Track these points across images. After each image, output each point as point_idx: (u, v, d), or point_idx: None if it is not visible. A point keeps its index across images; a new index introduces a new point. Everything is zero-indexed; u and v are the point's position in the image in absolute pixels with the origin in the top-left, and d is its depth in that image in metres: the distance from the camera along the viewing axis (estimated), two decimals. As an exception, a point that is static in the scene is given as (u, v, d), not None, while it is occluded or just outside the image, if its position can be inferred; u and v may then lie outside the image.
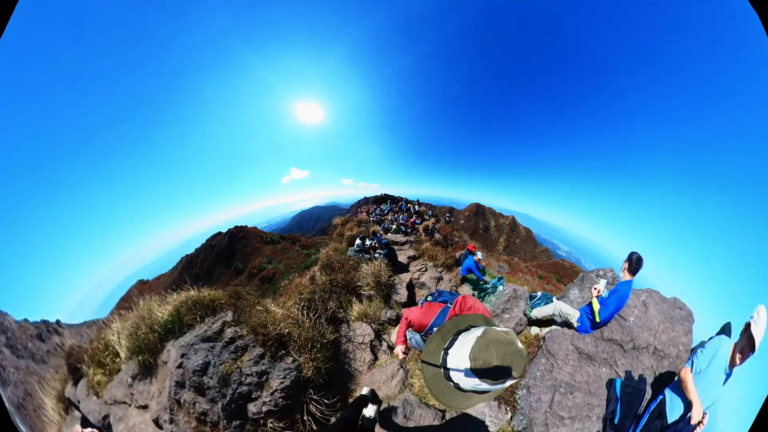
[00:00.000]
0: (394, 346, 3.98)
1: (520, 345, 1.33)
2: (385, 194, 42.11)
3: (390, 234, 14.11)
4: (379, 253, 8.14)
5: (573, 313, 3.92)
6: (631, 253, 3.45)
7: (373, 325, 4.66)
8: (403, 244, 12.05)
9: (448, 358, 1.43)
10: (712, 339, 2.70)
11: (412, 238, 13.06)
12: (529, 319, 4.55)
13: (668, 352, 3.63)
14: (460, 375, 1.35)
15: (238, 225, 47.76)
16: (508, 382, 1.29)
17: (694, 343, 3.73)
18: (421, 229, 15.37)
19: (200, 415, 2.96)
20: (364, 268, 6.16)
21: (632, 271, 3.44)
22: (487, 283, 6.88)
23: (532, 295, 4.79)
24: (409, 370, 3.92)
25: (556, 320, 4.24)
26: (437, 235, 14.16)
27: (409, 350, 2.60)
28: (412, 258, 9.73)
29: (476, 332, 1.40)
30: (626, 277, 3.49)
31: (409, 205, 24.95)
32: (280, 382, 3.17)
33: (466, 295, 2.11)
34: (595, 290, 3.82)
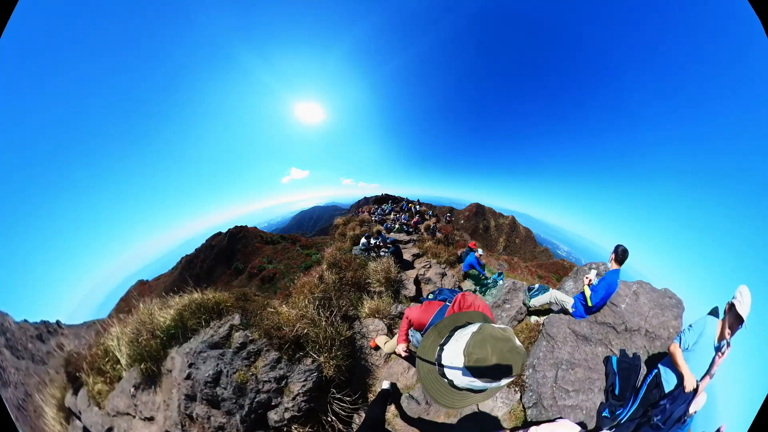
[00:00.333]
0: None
1: (518, 342, 1.28)
2: (385, 194, 42.15)
3: (393, 233, 14.46)
4: (384, 252, 8.52)
5: (568, 300, 4.32)
6: (617, 246, 3.91)
7: (385, 320, 4.71)
8: (407, 242, 12.55)
9: (443, 354, 1.38)
10: (699, 319, 2.97)
11: (414, 237, 13.54)
12: (528, 309, 4.91)
13: (659, 334, 3.92)
14: (455, 372, 1.29)
15: (238, 225, 47.75)
16: (505, 381, 1.22)
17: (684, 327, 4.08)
18: (423, 229, 15.72)
19: (216, 429, 2.75)
20: (372, 266, 6.32)
21: (619, 261, 3.88)
22: (487, 279, 7.46)
23: (531, 287, 5.20)
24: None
25: (553, 309, 4.61)
26: (438, 235, 14.55)
27: (410, 348, 2.60)
28: (416, 256, 10.22)
29: (472, 328, 1.37)
30: (613, 267, 3.93)
31: (410, 205, 25.03)
32: (302, 385, 3.00)
33: (465, 292, 2.08)
34: (587, 279, 4.24)
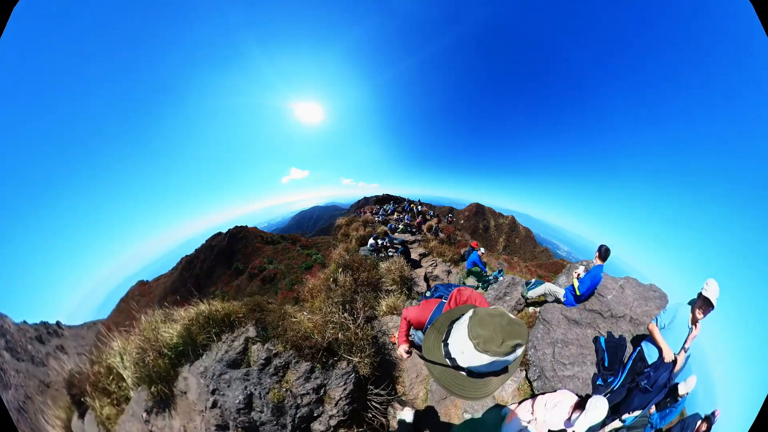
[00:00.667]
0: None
1: (512, 315, 1.32)
2: (386, 194, 42.09)
3: (397, 234, 14.73)
4: (392, 252, 9.12)
5: (560, 291, 5.07)
6: (601, 245, 4.64)
7: (399, 318, 4.85)
8: (412, 243, 13.06)
9: (450, 349, 1.39)
10: (672, 305, 3.51)
11: (419, 238, 14.08)
12: (527, 301, 5.60)
13: (642, 321, 4.44)
14: (468, 359, 1.30)
15: (239, 225, 47.63)
16: (519, 351, 1.25)
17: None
18: (426, 229, 15.91)
19: None
20: (385, 266, 6.59)
21: (602, 258, 4.59)
22: (488, 275, 8.36)
23: (528, 281, 5.89)
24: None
25: (548, 299, 5.27)
26: (441, 235, 14.89)
27: (412, 349, 2.59)
28: (423, 255, 10.90)
29: (467, 316, 1.40)
30: (598, 263, 4.62)
31: (412, 206, 25.03)
32: (343, 389, 2.96)
33: (461, 287, 2.08)
34: (575, 273, 4.94)
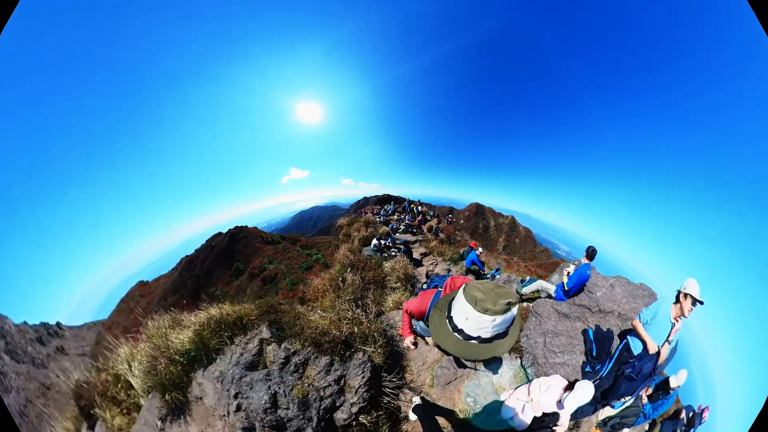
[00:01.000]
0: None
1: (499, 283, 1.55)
2: (386, 194, 42.17)
3: (398, 234, 15.13)
4: (395, 251, 9.54)
5: (551, 287, 5.55)
6: (588, 246, 5.09)
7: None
8: (414, 243, 13.53)
9: (455, 321, 1.57)
10: (654, 303, 3.70)
11: (420, 238, 14.57)
12: (521, 297, 6.00)
13: (630, 317, 4.68)
14: (472, 324, 1.48)
15: (239, 225, 47.67)
16: (514, 309, 1.45)
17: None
18: (426, 230, 16.32)
19: None
20: (389, 265, 7.04)
21: (589, 258, 5.06)
22: (486, 274, 8.68)
23: (523, 279, 6.32)
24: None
25: (541, 295, 5.71)
26: (441, 235, 15.28)
27: (417, 339, 2.71)
28: (424, 254, 11.39)
29: (460, 290, 1.60)
30: (585, 262, 5.11)
31: (412, 206, 25.16)
32: (362, 377, 3.13)
33: (455, 275, 2.28)
34: (566, 271, 5.33)
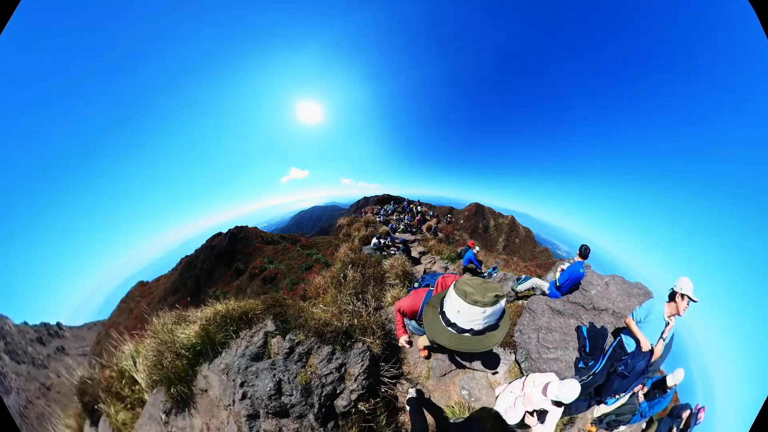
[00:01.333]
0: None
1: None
2: (386, 195, 42.29)
3: (398, 233, 15.44)
4: (394, 250, 9.84)
5: (545, 284, 5.65)
6: (581, 245, 5.24)
7: None
8: (412, 242, 13.91)
9: (447, 315, 1.64)
10: (647, 301, 3.72)
11: (419, 237, 14.91)
12: (517, 294, 6.14)
13: (624, 315, 4.73)
14: (464, 316, 1.55)
15: (239, 225, 47.68)
16: (502, 302, 1.54)
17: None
18: (425, 229, 16.68)
19: None
20: (388, 262, 7.39)
21: (582, 256, 5.18)
22: (483, 273, 8.87)
23: (519, 277, 6.46)
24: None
25: (536, 293, 5.79)
26: (440, 234, 15.56)
27: (411, 338, 2.78)
28: (422, 253, 11.73)
29: (450, 288, 1.67)
30: (578, 260, 5.22)
31: (411, 206, 25.29)
32: (361, 365, 3.26)
33: (446, 274, 2.33)
34: (560, 268, 5.47)
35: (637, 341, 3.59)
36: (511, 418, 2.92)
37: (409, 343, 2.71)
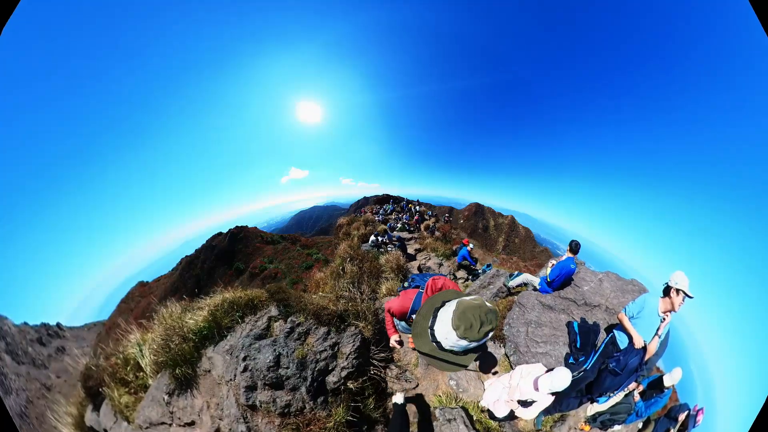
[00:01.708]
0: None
1: (489, 304, 1.59)
2: (386, 194, 42.42)
3: (396, 232, 15.92)
4: (391, 247, 10.26)
5: (536, 280, 5.74)
6: (571, 241, 5.20)
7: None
8: (409, 240, 14.54)
9: (436, 335, 1.65)
10: (640, 297, 3.64)
11: (416, 235, 15.48)
12: (509, 290, 6.32)
13: (618, 311, 4.60)
14: (450, 343, 1.58)
15: (239, 225, 47.79)
16: (490, 335, 1.54)
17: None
18: (423, 228, 16.97)
19: (283, 408, 2.89)
20: (384, 258, 7.89)
21: (572, 252, 5.14)
22: (478, 270, 9.19)
23: (511, 274, 6.61)
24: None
25: (528, 288, 5.87)
26: (437, 233, 15.78)
27: (401, 337, 2.78)
28: (418, 250, 12.25)
29: (451, 306, 1.63)
30: (569, 255, 5.18)
31: (410, 206, 25.47)
32: (352, 345, 3.50)
33: (435, 276, 2.31)
34: (550, 264, 5.49)
35: (630, 338, 3.49)
36: (499, 411, 2.97)
37: (400, 342, 2.72)
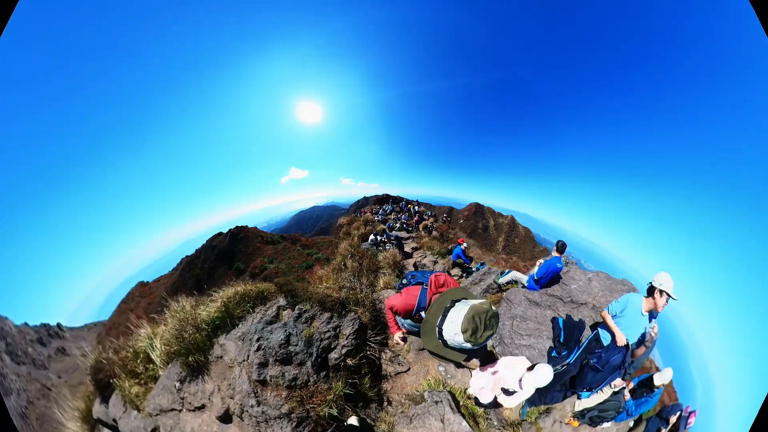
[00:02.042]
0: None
1: (494, 308, 1.78)
2: (386, 194, 42.64)
3: (395, 231, 16.48)
4: (389, 246, 11.02)
5: (524, 277, 5.99)
6: (558, 241, 5.53)
7: (393, 290, 6.32)
8: (407, 239, 15.34)
9: (444, 334, 1.83)
10: (624, 295, 3.70)
11: (414, 235, 16.10)
12: (499, 286, 6.65)
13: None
14: (455, 344, 1.79)
15: (239, 225, 47.90)
16: (490, 339, 1.81)
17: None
18: (421, 228, 17.54)
19: (290, 381, 3.17)
20: (382, 255, 8.64)
21: (558, 251, 5.48)
22: (471, 268, 9.76)
23: (502, 271, 6.96)
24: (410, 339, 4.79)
25: (518, 286, 6.12)
26: (435, 233, 16.30)
27: (406, 335, 2.84)
28: (415, 249, 13.01)
29: (463, 310, 1.80)
30: (555, 255, 5.48)
31: (409, 206, 25.75)
32: (351, 328, 3.89)
33: (436, 273, 2.41)
34: (537, 263, 5.65)
35: (613, 335, 3.58)
36: (484, 398, 3.11)
37: (404, 339, 2.77)
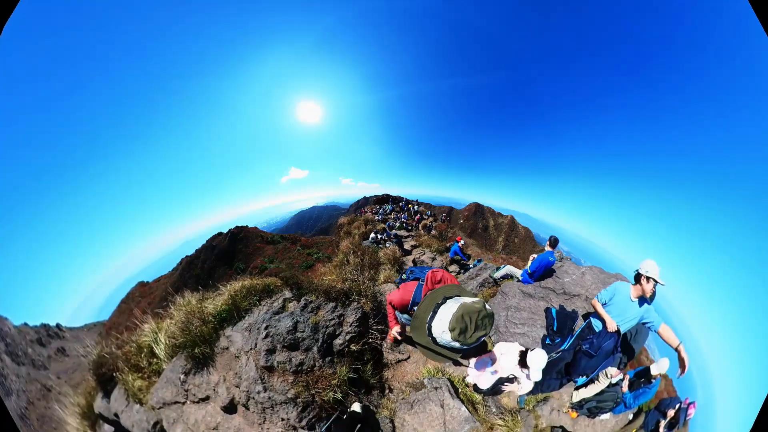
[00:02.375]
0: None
1: (489, 307, 1.70)
2: (386, 194, 42.69)
3: (394, 230, 16.98)
4: (389, 244, 11.52)
5: (518, 271, 6.23)
6: (550, 236, 5.70)
7: (393, 285, 6.72)
8: (406, 237, 16.07)
9: (433, 331, 1.77)
10: (613, 284, 3.82)
11: (413, 233, 16.79)
12: (495, 281, 6.86)
13: None
14: (445, 342, 1.71)
15: (239, 225, 47.85)
16: (481, 340, 1.65)
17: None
18: (421, 227, 17.98)
19: (297, 367, 3.28)
20: (382, 252, 9.30)
21: (552, 246, 5.65)
22: (468, 265, 10.15)
23: (497, 266, 7.26)
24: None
25: (513, 280, 6.32)
26: (434, 232, 16.76)
27: (403, 328, 2.93)
28: (414, 246, 13.61)
29: (453, 306, 1.72)
30: (548, 249, 5.62)
31: (409, 206, 25.94)
32: (354, 316, 4.08)
33: (434, 269, 2.41)
34: (531, 257, 5.86)
35: (604, 322, 3.71)
36: (483, 383, 3.21)
37: (401, 334, 2.85)
